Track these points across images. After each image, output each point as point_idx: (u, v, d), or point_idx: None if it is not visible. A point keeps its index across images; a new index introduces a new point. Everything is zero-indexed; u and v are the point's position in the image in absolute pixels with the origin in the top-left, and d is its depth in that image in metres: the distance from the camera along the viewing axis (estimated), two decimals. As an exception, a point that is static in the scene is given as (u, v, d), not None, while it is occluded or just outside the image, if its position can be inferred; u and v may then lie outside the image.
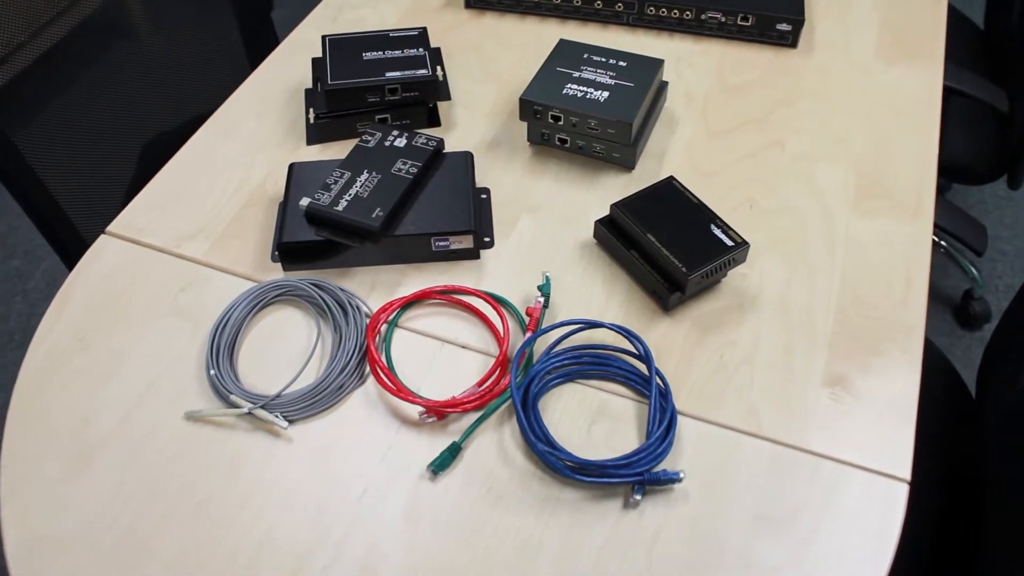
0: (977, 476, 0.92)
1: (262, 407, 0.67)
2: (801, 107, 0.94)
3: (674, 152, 0.89)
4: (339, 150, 0.91)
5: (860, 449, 0.66)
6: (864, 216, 0.83)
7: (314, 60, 0.95)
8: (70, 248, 0.99)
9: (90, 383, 0.71)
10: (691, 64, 1.00)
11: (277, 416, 0.67)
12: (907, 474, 0.65)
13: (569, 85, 0.86)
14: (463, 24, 1.07)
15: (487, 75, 0.99)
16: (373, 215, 0.75)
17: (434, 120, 0.93)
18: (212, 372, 0.70)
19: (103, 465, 0.66)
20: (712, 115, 0.94)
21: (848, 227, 0.82)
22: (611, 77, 0.87)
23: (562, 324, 0.71)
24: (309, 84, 0.98)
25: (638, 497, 0.63)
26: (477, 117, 0.94)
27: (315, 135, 0.91)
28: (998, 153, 1.27)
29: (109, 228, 0.83)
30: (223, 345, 0.72)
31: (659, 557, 0.61)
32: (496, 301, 0.74)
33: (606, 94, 0.85)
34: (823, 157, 0.89)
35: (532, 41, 1.04)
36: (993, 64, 1.40)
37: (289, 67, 1.01)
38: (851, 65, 1.00)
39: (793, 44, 1.01)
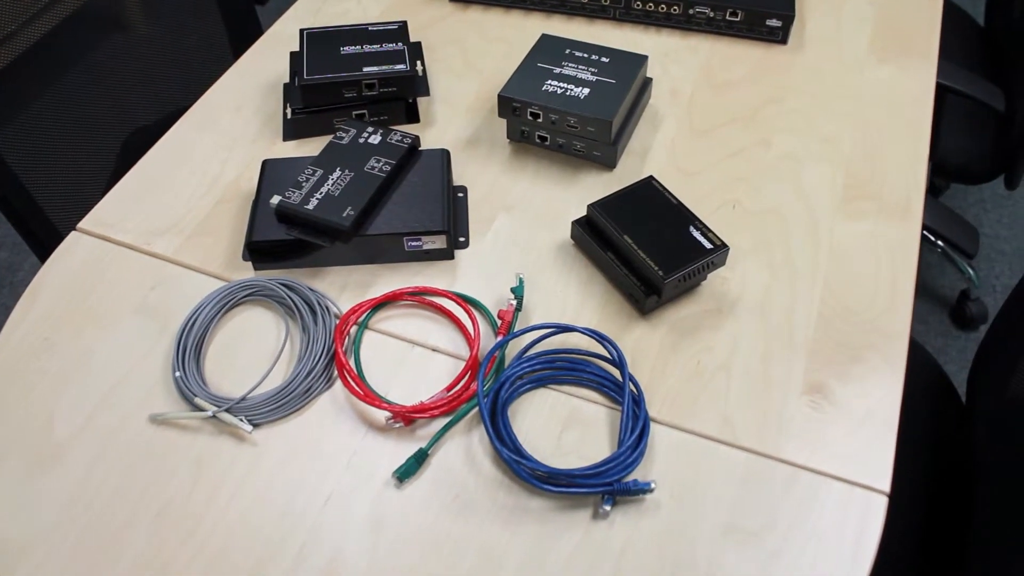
0: (967, 482, 0.90)
1: (227, 410, 0.66)
2: (789, 105, 0.92)
3: (657, 151, 0.88)
4: (315, 146, 0.89)
5: (838, 460, 0.65)
6: (850, 218, 0.81)
7: (292, 54, 0.93)
8: (48, 245, 0.97)
9: (55, 383, 0.70)
10: (677, 60, 0.98)
11: (241, 419, 0.66)
12: (887, 487, 0.63)
13: (549, 81, 0.84)
14: (446, 18, 1.05)
15: (469, 70, 0.97)
16: (344, 214, 0.73)
17: (413, 116, 0.91)
18: (177, 374, 0.68)
19: (66, 467, 0.65)
20: (697, 113, 0.92)
21: (833, 229, 0.80)
22: (592, 74, 0.85)
23: (534, 328, 0.69)
24: (287, 78, 0.96)
25: (607, 508, 0.61)
26: (457, 113, 0.92)
27: (291, 131, 0.89)
28: (996, 153, 1.25)
29: (80, 224, 0.82)
30: (190, 346, 0.70)
31: (628, 569, 0.59)
32: (468, 303, 0.73)
33: (587, 91, 0.83)
34: (810, 157, 0.87)
35: (516, 36, 1.02)
36: (993, 62, 1.38)
37: (269, 61, 0.99)
38: (842, 62, 0.97)
39: (783, 40, 0.99)
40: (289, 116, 0.90)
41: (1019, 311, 0.88)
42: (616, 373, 0.69)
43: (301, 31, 0.91)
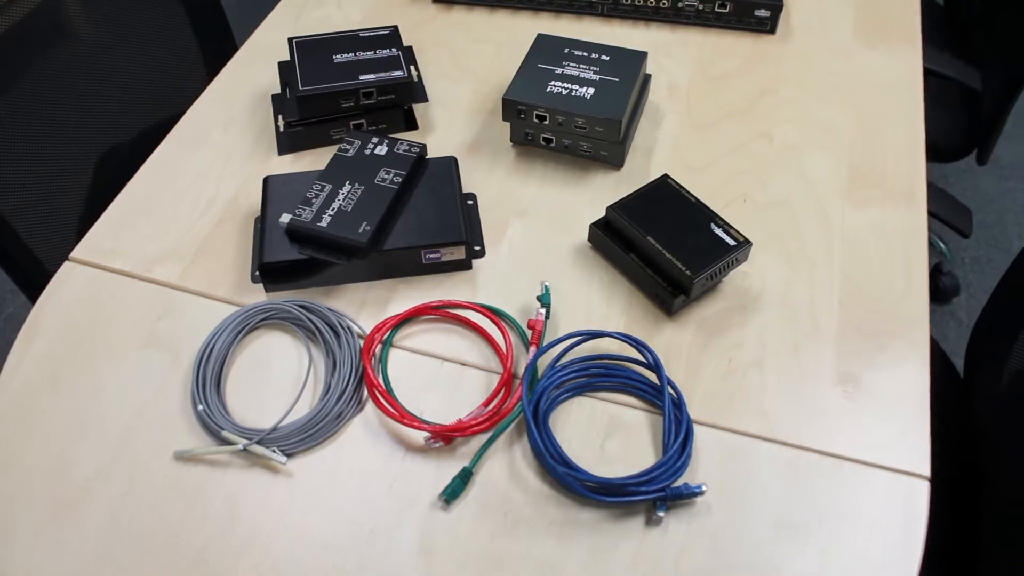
0: (972, 461, 0.92)
1: (258, 442, 0.63)
2: (785, 95, 0.93)
3: (661, 147, 0.87)
4: (313, 159, 0.86)
5: (877, 448, 0.65)
6: (858, 206, 0.82)
7: (281, 64, 0.90)
8: (29, 274, 0.92)
9: (66, 424, 0.66)
10: (670, 54, 0.97)
11: (274, 451, 0.63)
12: (927, 471, 0.64)
13: (553, 82, 0.83)
14: (431, 20, 1.02)
15: (461, 73, 0.96)
16: (360, 230, 0.71)
17: (411, 123, 0.89)
18: (200, 407, 0.65)
19: (88, 512, 0.62)
20: (696, 107, 0.91)
21: (844, 218, 0.81)
22: (595, 72, 0.84)
23: (568, 336, 0.68)
24: (275, 89, 0.93)
25: (661, 514, 0.60)
26: (455, 118, 0.90)
27: (287, 144, 0.86)
28: (968, 130, 1.28)
29: (74, 254, 0.78)
30: (209, 376, 0.68)
31: (688, 574, 0.59)
32: (495, 315, 0.71)
33: (592, 91, 0.82)
34: (812, 146, 0.87)
35: (505, 36, 1.00)
36: (954, 40, 1.41)
37: (253, 72, 0.96)
38: (830, 50, 0.98)
39: (772, 30, 0.99)
40: (282, 129, 0.87)
41: (1015, 285, 0.91)
42: (650, 376, 0.68)
43: (290, 40, 0.88)
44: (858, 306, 0.74)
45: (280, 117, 0.89)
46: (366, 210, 0.72)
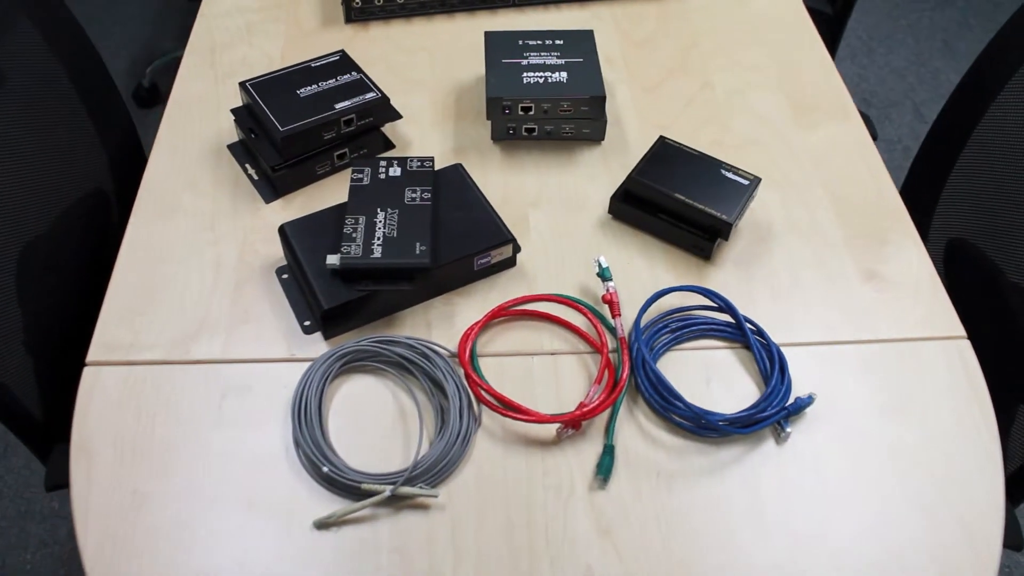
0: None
1: (404, 483, 0.62)
2: (706, 47, 1.01)
3: (626, 115, 0.92)
4: (305, 199, 0.83)
5: (920, 324, 0.75)
6: (809, 130, 0.92)
7: (237, 111, 0.85)
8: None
9: (180, 536, 0.61)
10: (593, 29, 1.02)
11: (422, 487, 0.62)
12: (962, 331, 0.75)
13: (525, 74, 0.85)
14: (351, 41, 1.01)
15: (409, 86, 0.95)
16: (417, 251, 0.70)
17: (389, 143, 0.87)
18: (325, 468, 0.62)
19: (244, 614, 0.57)
20: (637, 73, 0.98)
21: (804, 143, 0.90)
22: (557, 57, 0.87)
23: (651, 299, 0.72)
24: (229, 139, 0.87)
25: (789, 430, 0.66)
26: (425, 130, 0.90)
27: (273, 191, 0.82)
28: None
29: (91, 357, 0.70)
30: (316, 436, 0.64)
31: (830, 475, 0.65)
32: (571, 301, 0.73)
33: (564, 74, 0.85)
34: (750, 87, 0.96)
35: (431, 42, 1.01)
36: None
37: (192, 127, 0.89)
38: (725, 1, 1.08)
39: (670, -8, 1.07)
40: (257, 177, 0.83)
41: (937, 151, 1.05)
42: (721, 316, 0.74)
43: (242, 84, 0.83)
44: (850, 213, 0.84)
45: (249, 166, 0.85)
46: (413, 231, 0.72)
